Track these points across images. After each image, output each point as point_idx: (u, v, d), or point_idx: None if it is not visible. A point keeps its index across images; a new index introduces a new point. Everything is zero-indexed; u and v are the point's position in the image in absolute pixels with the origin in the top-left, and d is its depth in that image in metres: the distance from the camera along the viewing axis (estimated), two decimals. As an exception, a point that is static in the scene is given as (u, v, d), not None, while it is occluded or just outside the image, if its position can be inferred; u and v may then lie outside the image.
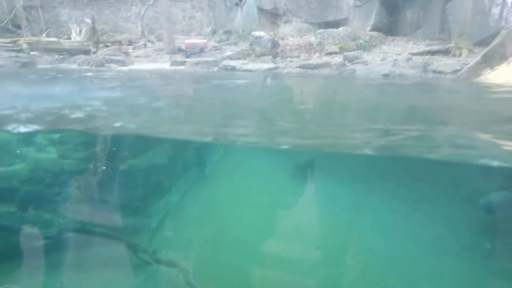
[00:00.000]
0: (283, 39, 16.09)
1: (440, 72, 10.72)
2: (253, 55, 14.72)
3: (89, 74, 11.86)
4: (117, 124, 5.19)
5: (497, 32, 11.39)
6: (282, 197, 6.01)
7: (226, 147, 6.48)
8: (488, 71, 9.72)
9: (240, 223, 5.86)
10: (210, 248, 5.62)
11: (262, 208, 5.92)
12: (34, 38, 17.65)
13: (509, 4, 13.56)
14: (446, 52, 12.99)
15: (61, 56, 15.88)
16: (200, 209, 6.42)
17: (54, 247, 5.30)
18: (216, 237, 5.80)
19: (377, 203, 5.96)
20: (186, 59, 14.89)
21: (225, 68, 13.18)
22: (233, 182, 6.49)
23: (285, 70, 12.62)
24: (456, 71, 10.53)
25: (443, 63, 11.43)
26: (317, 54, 14.63)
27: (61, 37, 18.51)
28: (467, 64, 10.68)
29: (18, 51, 15.57)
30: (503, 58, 9.72)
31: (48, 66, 14.65)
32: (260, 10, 20.05)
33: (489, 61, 9.89)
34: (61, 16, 24.89)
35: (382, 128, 4.59)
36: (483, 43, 12.63)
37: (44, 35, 20.41)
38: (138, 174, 6.30)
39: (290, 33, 17.27)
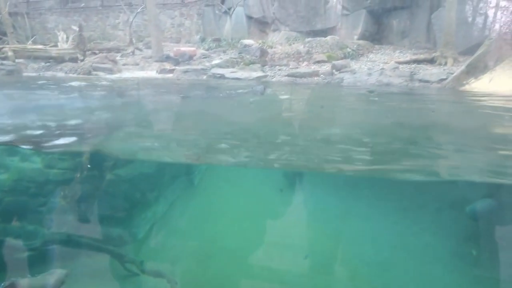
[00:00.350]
0: (271, 47, 16.20)
1: (426, 81, 10.87)
2: (242, 63, 14.76)
3: (75, 83, 11.71)
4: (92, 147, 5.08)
5: (481, 41, 11.62)
6: (271, 206, 5.99)
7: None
8: (472, 80, 9.89)
9: (229, 232, 5.82)
10: (199, 258, 5.56)
11: (251, 217, 5.90)
12: (19, 46, 17.45)
13: (491, 15, 13.87)
14: (432, 61, 13.20)
15: (48, 64, 15.70)
16: (189, 219, 6.36)
17: (38, 259, 5.19)
18: (204, 247, 5.75)
19: (365, 212, 5.99)
20: (175, 67, 14.86)
21: (214, 76, 13.18)
22: (222, 191, 6.45)
23: (274, 79, 12.67)
24: (441, 80, 10.69)
25: (429, 72, 11.60)
26: (305, 63, 14.73)
27: (48, 44, 18.32)
28: (452, 73, 10.86)
29: (3, 58, 15.37)
30: (486, 68, 9.91)
31: (34, 74, 14.47)
32: (249, 18, 20.18)
33: (473, 70, 10.07)
34: (48, 23, 24.68)
35: (369, 147, 4.60)
36: (467, 52, 12.88)
37: (30, 42, 20.20)
38: (125, 184, 6.22)
39: (279, 42, 17.40)
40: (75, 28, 18.14)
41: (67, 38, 18.18)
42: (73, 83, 11.41)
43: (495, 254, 4.43)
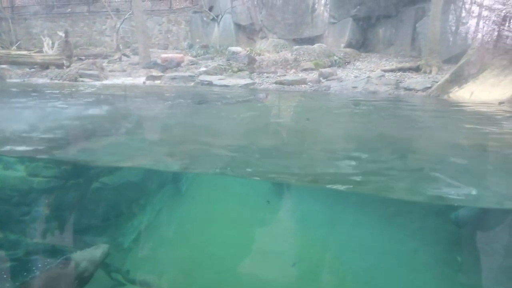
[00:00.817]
0: (259, 54, 16.26)
1: (412, 89, 11.03)
2: (229, 70, 14.79)
3: (60, 90, 11.53)
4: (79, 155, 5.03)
5: (464, 50, 11.87)
6: (259, 214, 5.98)
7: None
8: (456, 89, 10.08)
9: (217, 241, 5.79)
10: (186, 267, 5.51)
11: (239, 226, 5.88)
12: (3, 51, 17.20)
13: (474, 25, 14.19)
14: (417, 69, 13.41)
15: (32, 70, 15.48)
16: (176, 227, 6.31)
17: (21, 269, 5.08)
18: (192, 255, 5.71)
19: (352, 219, 6.02)
20: (162, 74, 14.80)
21: (202, 83, 13.16)
22: (210, 199, 6.43)
23: (262, 86, 12.70)
24: (426, 88, 10.85)
25: (414, 80, 11.77)
26: (293, 70, 14.83)
27: (32, 50, 18.09)
28: (436, 82, 11.04)
29: (-13, 64, 15.12)
30: (469, 77, 10.11)
31: (18, 80, 14.23)
32: (237, 25, 20.27)
33: (457, 79, 10.27)
34: (33, 28, 24.34)
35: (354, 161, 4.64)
36: (451, 60, 13.13)
37: (14, 47, 19.92)
38: (111, 192, 6.15)
39: (267, 49, 17.48)
40: (61, 34, 17.96)
41: (53, 44, 17.97)
42: (58, 90, 11.25)
43: (479, 260, 4.49)
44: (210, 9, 21.39)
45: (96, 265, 4.38)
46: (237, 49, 16.42)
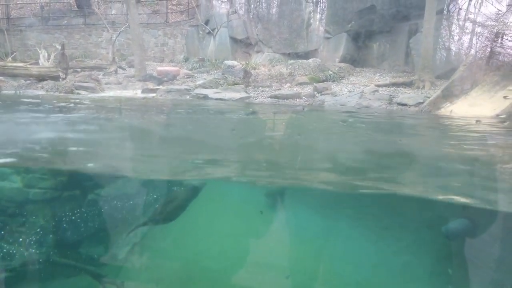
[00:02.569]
0: (255, 68, 16.43)
1: (405, 105, 11.20)
2: (225, 84, 14.93)
3: (55, 102, 11.53)
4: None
5: (457, 66, 12.10)
6: (253, 226, 6.02)
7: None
8: (448, 104, 10.25)
9: (212, 252, 5.81)
10: (181, 278, 5.52)
11: (234, 237, 5.91)
12: (-1, 63, 17.23)
13: (467, 41, 14.51)
14: (410, 84, 13.62)
15: (28, 82, 15.50)
16: (171, 238, 6.32)
17: (16, 280, 5.06)
18: (186, 267, 5.72)
19: (346, 231, 6.08)
20: (158, 87, 14.90)
21: (198, 96, 13.27)
22: (206, 211, 6.45)
23: (257, 100, 12.82)
24: (419, 103, 11.03)
25: (407, 95, 11.96)
26: (288, 84, 14.99)
27: (28, 62, 18.12)
28: (429, 97, 11.24)
29: (-18, 75, 15.10)
30: (461, 92, 10.31)
31: (14, 91, 14.22)
32: (233, 39, 20.51)
33: (449, 94, 10.45)
34: (29, 40, 24.37)
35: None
36: (444, 76, 13.38)
37: (9, 59, 19.96)
38: (106, 203, 6.17)
39: (262, 63, 17.68)
40: (58, 46, 18.05)
41: (49, 55, 18.03)
42: (54, 102, 11.27)
43: (470, 273, 4.56)
44: (206, 23, 21.66)
45: (199, 190, 5.70)
46: (233, 63, 16.60)
